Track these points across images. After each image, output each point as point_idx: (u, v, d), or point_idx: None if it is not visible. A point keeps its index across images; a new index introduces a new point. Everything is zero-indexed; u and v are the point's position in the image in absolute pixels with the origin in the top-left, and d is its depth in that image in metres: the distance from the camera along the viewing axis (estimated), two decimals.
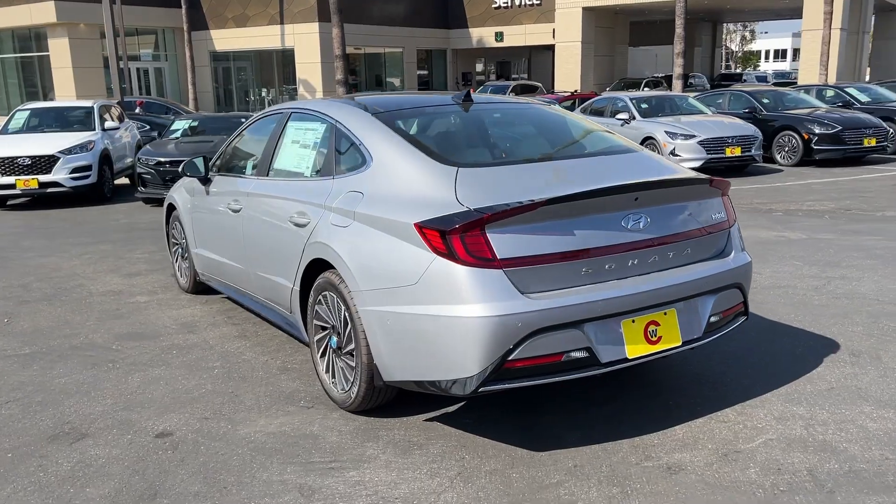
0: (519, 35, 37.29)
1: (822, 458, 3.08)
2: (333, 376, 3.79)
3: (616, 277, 3.19)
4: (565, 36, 32.31)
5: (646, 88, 29.90)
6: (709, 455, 3.15)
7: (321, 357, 3.91)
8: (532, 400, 3.75)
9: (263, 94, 36.82)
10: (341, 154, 3.91)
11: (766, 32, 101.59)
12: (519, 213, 3.01)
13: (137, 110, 17.10)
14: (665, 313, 3.26)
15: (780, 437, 3.28)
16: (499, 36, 37.83)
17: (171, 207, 6.20)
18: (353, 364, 3.56)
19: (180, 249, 6.12)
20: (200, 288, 6.01)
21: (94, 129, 12.83)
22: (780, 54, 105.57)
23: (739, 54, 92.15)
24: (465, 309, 2.95)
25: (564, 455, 3.20)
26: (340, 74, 18.52)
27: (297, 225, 3.96)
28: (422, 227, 3.10)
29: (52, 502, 2.99)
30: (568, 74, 32.26)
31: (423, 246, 3.09)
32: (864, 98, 16.40)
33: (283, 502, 2.93)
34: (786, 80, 44.09)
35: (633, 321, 3.18)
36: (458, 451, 3.28)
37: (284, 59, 34.83)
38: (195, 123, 13.62)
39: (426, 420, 3.61)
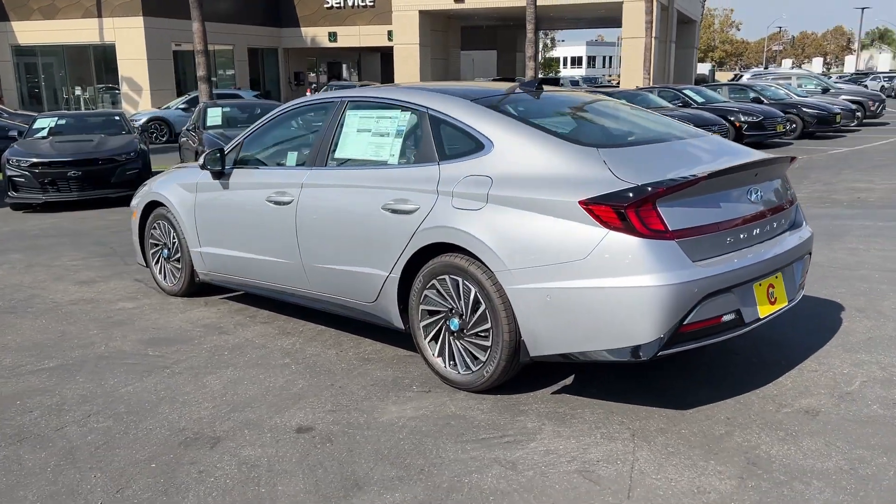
0: (353, 36, 37.34)
1: None
2: (452, 359, 3.84)
3: (747, 245, 3.55)
4: (403, 38, 32.80)
5: None
6: (829, 399, 3.59)
7: (430, 342, 3.94)
8: (637, 367, 4.03)
9: (78, 92, 33.95)
10: (444, 140, 3.96)
11: (563, 41, 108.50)
12: (685, 188, 3.27)
13: None
14: (777, 277, 3.67)
15: (869, 378, 3.81)
16: (332, 36, 37.64)
17: (153, 206, 5.79)
18: (488, 344, 3.64)
19: (166, 251, 5.74)
20: (194, 290, 5.68)
21: None
22: (575, 61, 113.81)
23: (541, 61, 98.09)
24: (648, 279, 3.16)
25: (711, 410, 3.51)
26: (203, 71, 17.67)
27: (397, 212, 3.94)
28: (588, 204, 3.27)
29: None
30: (407, 76, 32.78)
31: (592, 222, 3.26)
32: (699, 99, 18.26)
33: (492, 475, 2.99)
34: (596, 84, 47.57)
35: (760, 284, 3.55)
36: (612, 417, 3.48)
37: (103, 56, 32.38)
38: (63, 122, 12.52)
39: (553, 393, 3.77)
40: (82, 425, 3.55)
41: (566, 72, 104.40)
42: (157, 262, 5.91)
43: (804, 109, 18.75)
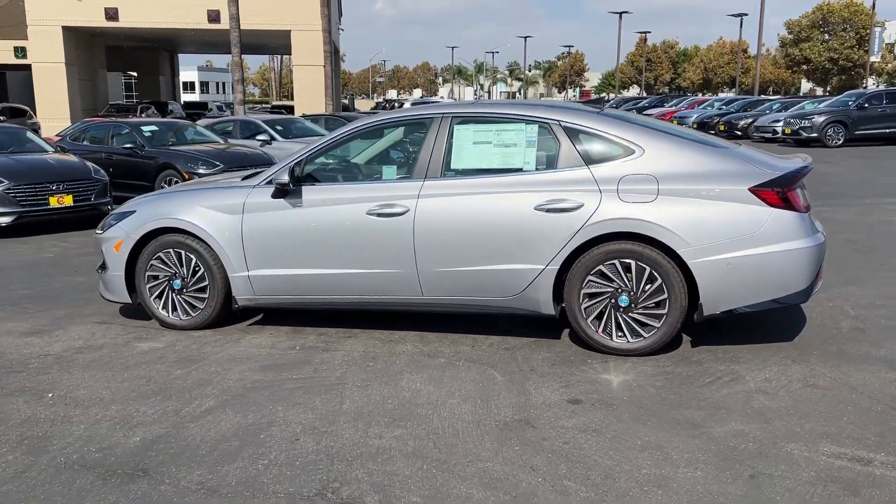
0: None
1: None
2: (619, 330, 4.54)
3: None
4: (44, 56, 29.32)
5: (144, 114, 29.27)
6: (868, 314, 5.14)
7: (593, 321, 4.57)
8: (745, 321, 5.10)
9: None
10: (586, 147, 4.63)
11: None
12: (805, 175, 4.52)
13: None
14: None
15: (871, 300, 5.48)
16: None
17: (154, 235, 5.24)
18: (662, 312, 4.44)
19: (179, 281, 5.24)
20: (218, 319, 5.30)
21: None
22: (188, 86, 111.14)
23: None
24: (806, 241, 4.34)
25: (806, 339, 4.80)
26: None
27: (554, 211, 4.50)
28: (757, 190, 4.33)
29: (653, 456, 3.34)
30: (52, 97, 29.33)
31: (760, 203, 4.32)
32: None
33: (767, 399, 3.87)
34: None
35: None
36: (761, 353, 4.56)
37: None
38: None
39: (692, 347, 4.71)
40: (387, 438, 3.51)
41: (184, 96, 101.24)
42: (159, 296, 5.33)
43: None
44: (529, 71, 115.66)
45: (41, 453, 3.44)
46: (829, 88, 59.87)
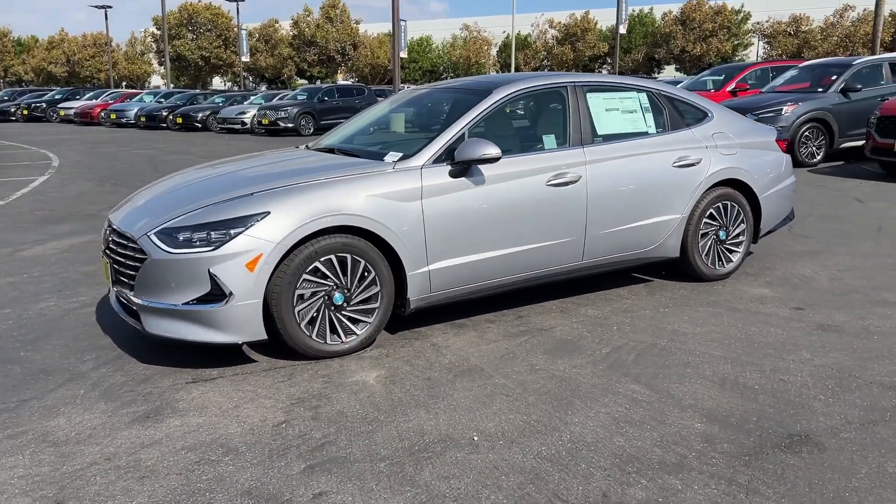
0: None
1: None
2: (719, 259, 5.60)
3: None
4: None
5: None
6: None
7: (705, 256, 5.52)
8: None
9: None
10: (681, 111, 5.46)
11: None
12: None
13: None
14: None
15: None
16: None
17: (306, 239, 3.97)
18: (741, 240, 5.68)
19: (339, 296, 4.09)
20: (375, 337, 4.34)
21: None
22: None
23: None
24: (794, 177, 6.12)
25: (793, 266, 6.63)
26: None
27: (684, 166, 5.27)
28: (778, 140, 5.92)
29: None
30: None
31: (778, 150, 5.93)
32: None
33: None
34: None
35: None
36: (776, 270, 6.20)
37: None
38: None
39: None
40: (824, 359, 3.96)
41: None
42: (310, 320, 4.04)
43: None
44: None
45: None
46: (207, 84, 63.54)
